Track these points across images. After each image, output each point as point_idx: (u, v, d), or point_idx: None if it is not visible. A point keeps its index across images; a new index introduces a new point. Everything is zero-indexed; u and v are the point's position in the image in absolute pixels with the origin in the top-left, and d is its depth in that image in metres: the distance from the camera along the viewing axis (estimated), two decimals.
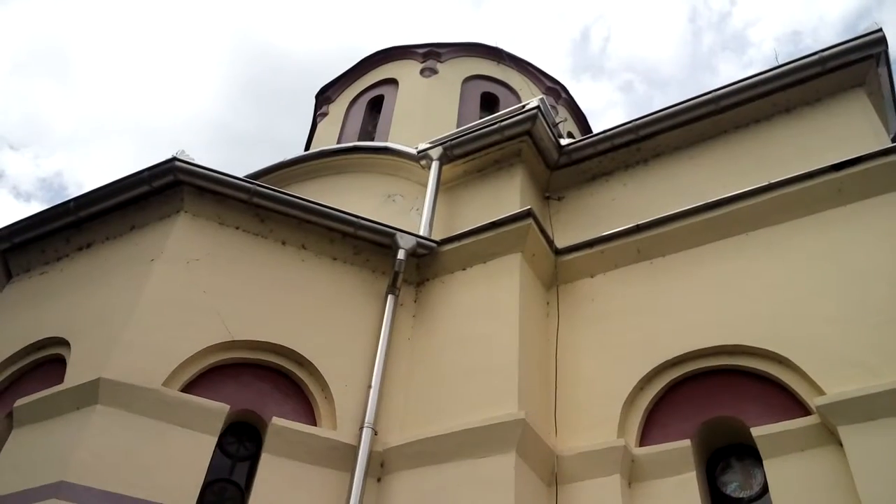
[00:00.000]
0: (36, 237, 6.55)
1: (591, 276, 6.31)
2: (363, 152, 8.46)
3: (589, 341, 5.88)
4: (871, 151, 5.47)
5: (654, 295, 5.83)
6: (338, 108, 13.03)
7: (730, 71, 36.05)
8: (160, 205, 6.19)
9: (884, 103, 6.43)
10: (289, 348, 5.68)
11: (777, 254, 5.48)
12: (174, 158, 6.11)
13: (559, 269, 6.44)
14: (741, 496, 4.93)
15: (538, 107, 7.03)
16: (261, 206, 6.23)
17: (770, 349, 4.99)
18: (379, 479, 5.29)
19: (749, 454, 4.98)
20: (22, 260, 6.65)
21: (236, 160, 37.01)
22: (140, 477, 4.72)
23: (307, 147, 13.32)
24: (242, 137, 35.13)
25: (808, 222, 5.49)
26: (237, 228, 6.20)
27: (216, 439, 5.09)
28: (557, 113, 11.90)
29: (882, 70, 6.33)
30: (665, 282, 5.87)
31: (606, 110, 36.76)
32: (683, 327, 5.47)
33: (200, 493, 4.88)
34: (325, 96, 13.56)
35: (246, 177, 6.54)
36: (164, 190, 6.16)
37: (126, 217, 6.29)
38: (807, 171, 5.60)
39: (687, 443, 4.99)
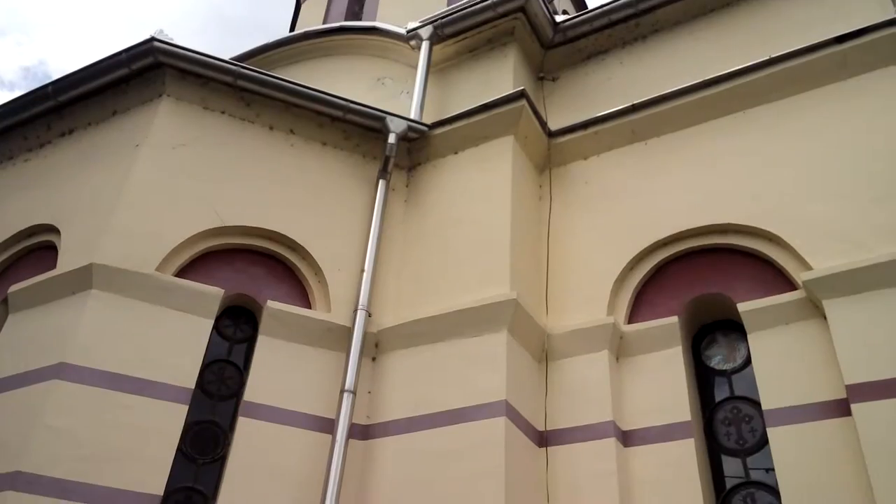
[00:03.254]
0: (16, 123, 6.39)
1: (585, 159, 6.23)
2: (350, 33, 8.14)
3: (581, 223, 5.88)
4: (875, 23, 5.26)
5: (648, 176, 5.78)
6: None
7: None
8: (141, 88, 5.99)
9: None
10: (280, 233, 5.68)
11: (775, 131, 5.38)
12: (152, 39, 5.86)
13: (552, 151, 6.34)
14: (725, 368, 5.10)
15: None
16: (246, 89, 6.04)
17: (760, 227, 5.00)
18: (374, 359, 5.43)
19: (735, 329, 5.11)
20: (4, 147, 6.53)
21: (228, 47, 35.69)
22: (140, 358, 4.83)
23: (292, 30, 12.80)
24: (233, 23, 33.73)
25: (808, 98, 5.35)
26: (223, 113, 6.04)
27: (212, 322, 5.18)
28: None
29: None
30: (659, 162, 5.80)
31: None
32: (675, 208, 5.46)
33: (200, 373, 5.02)
34: None
35: (231, 59, 6.30)
36: (144, 72, 5.95)
37: (107, 101, 6.11)
38: (809, 44, 5.41)
39: (674, 319, 5.10)
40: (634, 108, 6.00)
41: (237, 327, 5.51)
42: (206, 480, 4.84)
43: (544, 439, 5.00)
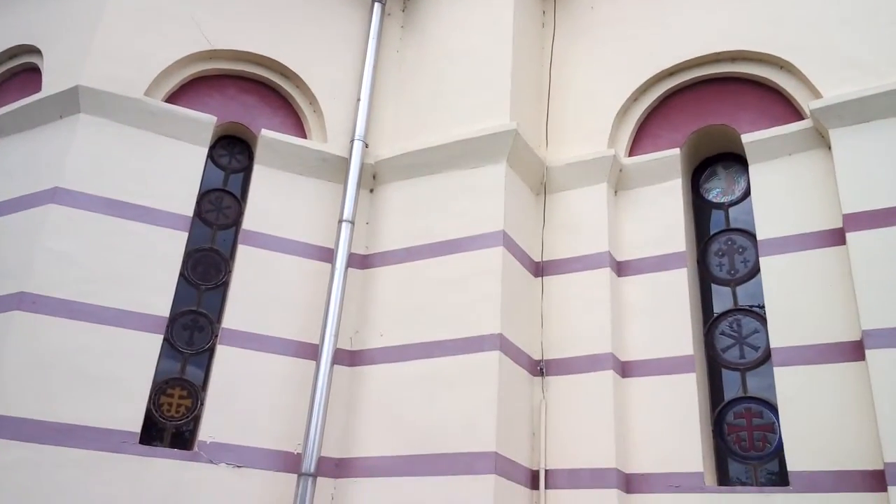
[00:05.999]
0: None
1: None
2: None
3: (585, 53, 5.65)
4: None
5: (657, 1, 5.47)
6: None
7: None
8: None
9: None
10: (273, 59, 5.45)
11: None
12: None
13: None
14: (722, 201, 5.11)
15: None
16: None
17: (772, 53, 4.82)
18: (371, 190, 5.41)
19: (737, 162, 5.07)
20: None
21: None
22: (136, 184, 4.78)
23: None
24: None
25: None
26: None
27: (206, 150, 5.09)
28: None
29: None
30: None
31: None
32: (684, 34, 5.22)
33: (198, 202, 5.00)
34: None
35: None
36: None
37: None
38: None
39: (676, 151, 5.03)
40: None
41: (232, 157, 5.42)
42: (210, 305, 4.96)
43: (540, 269, 5.10)
